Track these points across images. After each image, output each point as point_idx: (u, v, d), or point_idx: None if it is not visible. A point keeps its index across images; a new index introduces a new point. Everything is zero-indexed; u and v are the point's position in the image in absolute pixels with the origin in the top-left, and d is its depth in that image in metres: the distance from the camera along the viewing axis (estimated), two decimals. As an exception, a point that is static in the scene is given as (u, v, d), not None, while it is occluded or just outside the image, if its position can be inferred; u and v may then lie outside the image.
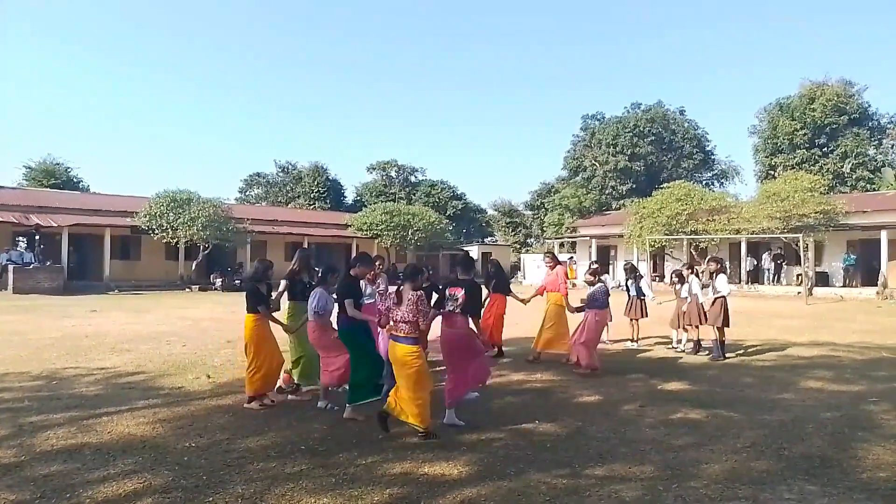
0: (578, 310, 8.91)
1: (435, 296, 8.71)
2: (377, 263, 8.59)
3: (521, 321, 12.25)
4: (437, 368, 7.25)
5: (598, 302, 8.67)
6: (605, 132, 50.26)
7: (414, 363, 5.35)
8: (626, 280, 11.82)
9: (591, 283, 8.97)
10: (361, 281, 7.09)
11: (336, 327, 6.51)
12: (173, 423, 5.92)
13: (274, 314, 6.80)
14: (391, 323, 5.47)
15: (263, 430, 5.70)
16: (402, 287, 5.54)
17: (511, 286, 10.37)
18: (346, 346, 6.23)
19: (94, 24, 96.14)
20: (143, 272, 30.95)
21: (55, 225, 27.40)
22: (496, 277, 10.09)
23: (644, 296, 11.47)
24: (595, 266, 9.33)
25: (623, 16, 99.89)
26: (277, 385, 6.96)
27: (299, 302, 7.08)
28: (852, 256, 28.89)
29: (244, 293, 6.86)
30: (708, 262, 11.69)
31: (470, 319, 6.19)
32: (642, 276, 12.33)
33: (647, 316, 11.56)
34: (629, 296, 11.59)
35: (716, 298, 10.01)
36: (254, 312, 6.60)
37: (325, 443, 5.31)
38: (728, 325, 10.01)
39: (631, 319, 11.43)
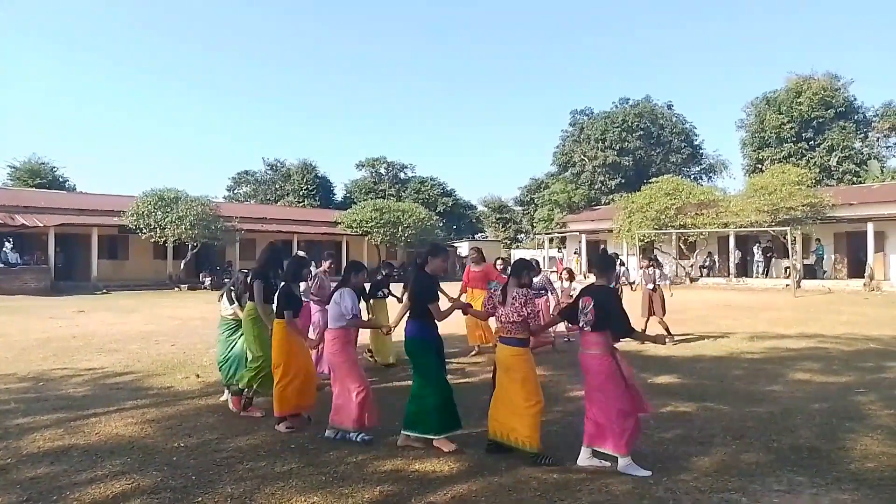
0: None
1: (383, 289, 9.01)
2: (329, 262, 8.40)
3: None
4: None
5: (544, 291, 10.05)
6: (594, 127, 50.37)
7: (521, 367, 4.75)
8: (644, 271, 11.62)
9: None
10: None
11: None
12: (162, 423, 5.88)
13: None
14: (500, 323, 4.93)
15: (253, 429, 5.67)
16: (507, 283, 5.05)
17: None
18: (415, 360, 5.20)
19: (79, 22, 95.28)
20: (131, 272, 30.72)
21: (41, 225, 27.12)
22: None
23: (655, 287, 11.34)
24: (568, 268, 9.90)
25: (610, 11, 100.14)
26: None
27: (268, 305, 6.13)
28: (822, 247, 29.23)
29: (276, 295, 5.98)
30: (641, 259, 12.40)
31: (606, 340, 4.67)
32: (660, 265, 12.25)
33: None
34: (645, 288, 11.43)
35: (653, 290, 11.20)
36: (282, 317, 5.85)
37: (314, 441, 5.29)
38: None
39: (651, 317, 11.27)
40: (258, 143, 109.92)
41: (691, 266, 32.43)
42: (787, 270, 26.94)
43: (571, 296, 11.13)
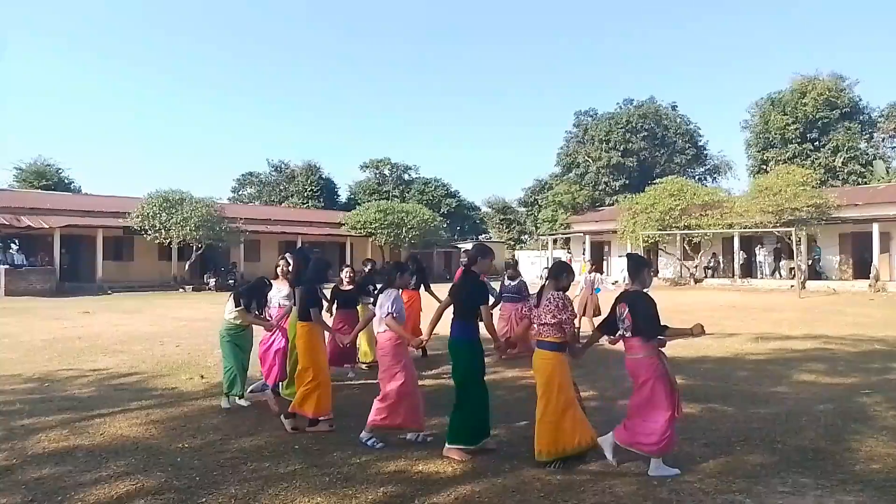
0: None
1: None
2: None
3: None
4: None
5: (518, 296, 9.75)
6: (598, 128, 50.32)
7: (546, 371, 4.69)
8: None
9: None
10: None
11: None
12: (166, 423, 5.89)
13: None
14: (536, 327, 4.81)
15: (257, 430, 5.68)
16: (544, 286, 4.91)
17: (430, 284, 9.94)
18: (459, 363, 5.04)
19: (85, 22, 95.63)
20: (136, 273, 30.82)
21: (46, 226, 27.23)
22: (419, 273, 9.48)
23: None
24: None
25: (615, 12, 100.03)
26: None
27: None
28: (819, 248, 29.18)
29: (300, 294, 5.91)
30: (585, 263, 13.09)
31: (648, 343, 4.58)
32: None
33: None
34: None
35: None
36: (307, 319, 5.75)
37: (318, 442, 5.30)
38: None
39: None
40: (263, 144, 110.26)
41: (696, 267, 32.36)
42: (792, 271, 26.85)
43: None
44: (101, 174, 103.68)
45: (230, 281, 30.24)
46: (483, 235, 61.10)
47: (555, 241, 42.43)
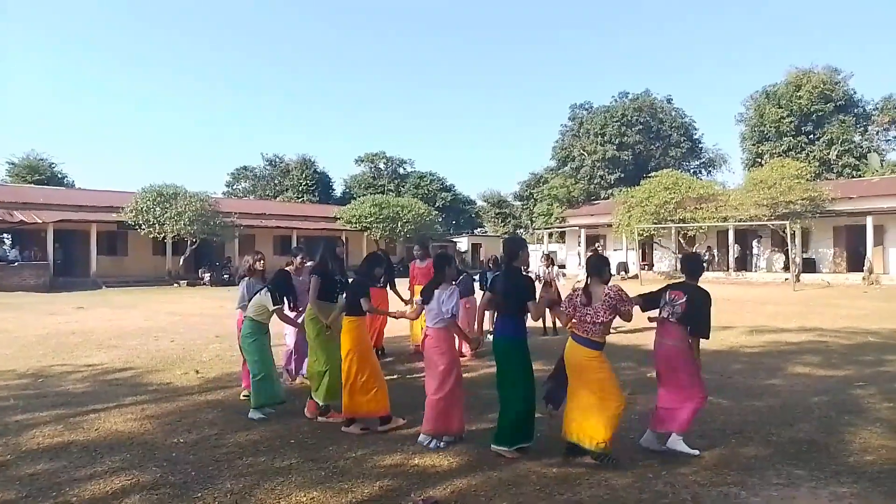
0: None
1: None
2: (300, 256, 7.66)
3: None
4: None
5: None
6: (593, 122, 50.34)
7: (596, 370, 4.61)
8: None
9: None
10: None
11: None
12: (161, 419, 5.88)
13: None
14: (576, 321, 4.68)
15: (252, 425, 5.67)
16: (588, 282, 4.78)
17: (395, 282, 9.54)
18: (507, 361, 4.90)
19: (78, 17, 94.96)
20: (131, 268, 30.73)
21: (40, 221, 27.11)
22: (388, 271, 9.10)
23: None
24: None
25: (610, 5, 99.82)
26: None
27: (324, 302, 5.98)
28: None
29: (349, 288, 5.73)
30: (541, 258, 12.57)
31: (687, 334, 4.87)
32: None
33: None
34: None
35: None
36: (358, 314, 5.59)
37: (314, 436, 5.29)
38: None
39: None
40: (257, 138, 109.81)
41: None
42: (786, 264, 26.96)
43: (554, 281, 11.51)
44: (95, 169, 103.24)
45: (224, 276, 30.21)
46: (478, 229, 61.12)
47: (550, 235, 42.51)
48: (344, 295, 5.83)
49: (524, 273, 5.14)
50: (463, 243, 49.37)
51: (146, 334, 11.78)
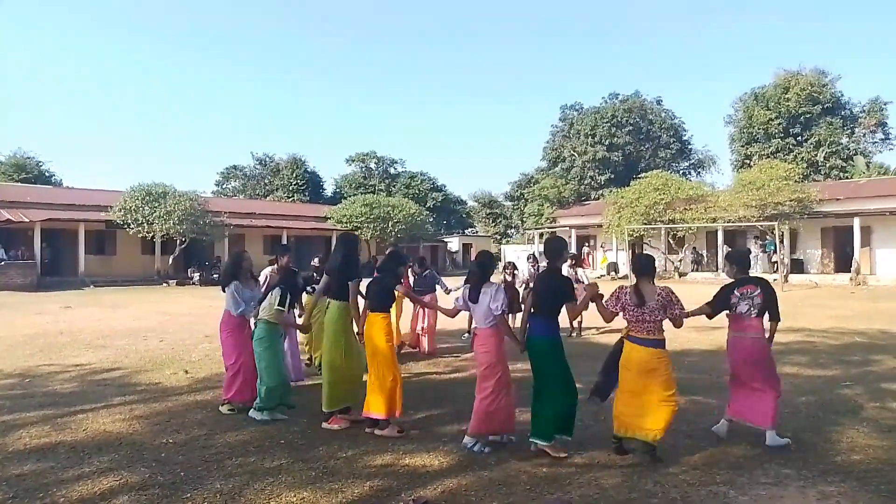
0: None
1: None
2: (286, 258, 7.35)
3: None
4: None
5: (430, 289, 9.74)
6: (584, 122, 50.51)
7: (665, 368, 4.70)
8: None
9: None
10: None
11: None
12: (150, 419, 5.84)
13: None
14: (633, 322, 4.73)
15: (242, 425, 5.64)
16: (638, 282, 4.81)
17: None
18: (545, 363, 4.86)
19: (66, 14, 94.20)
20: (119, 267, 30.49)
21: (27, 220, 26.86)
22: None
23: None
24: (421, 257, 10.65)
25: (600, 7, 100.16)
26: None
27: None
28: (773, 242, 29.44)
29: (378, 285, 5.59)
30: (528, 257, 12.82)
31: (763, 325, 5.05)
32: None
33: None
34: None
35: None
36: (384, 311, 5.48)
37: (304, 437, 5.28)
38: None
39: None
40: (247, 137, 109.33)
41: (680, 261, 32.60)
42: (775, 265, 27.15)
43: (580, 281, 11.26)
44: (83, 168, 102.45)
45: (214, 276, 30.04)
46: (469, 230, 61.15)
47: (541, 235, 42.55)
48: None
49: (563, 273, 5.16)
50: (454, 243, 49.40)
51: (135, 334, 11.70)
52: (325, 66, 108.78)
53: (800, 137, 44.29)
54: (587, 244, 38.43)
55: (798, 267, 29.48)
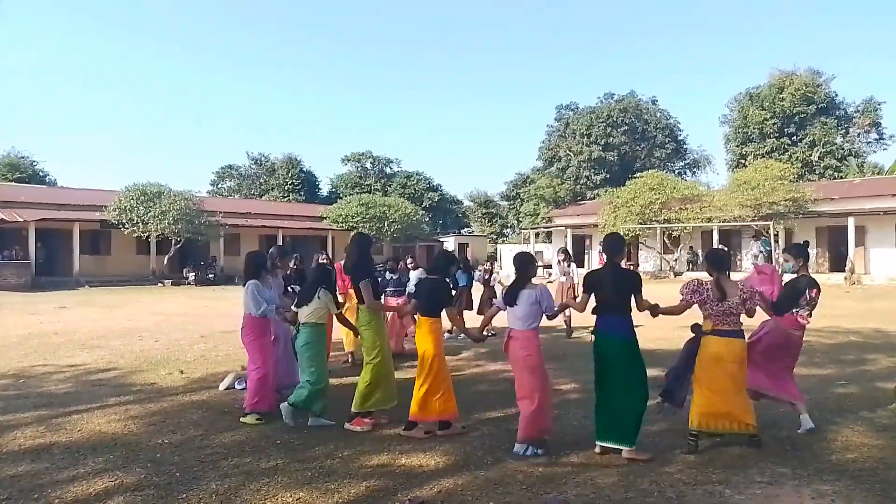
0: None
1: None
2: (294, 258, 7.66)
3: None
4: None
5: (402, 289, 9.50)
6: (579, 122, 50.55)
7: (746, 356, 4.94)
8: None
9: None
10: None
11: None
12: (145, 419, 5.82)
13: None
14: (718, 316, 4.81)
15: (238, 425, 5.63)
16: (718, 277, 4.93)
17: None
18: (624, 363, 4.78)
19: (59, 13, 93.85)
20: (114, 267, 30.40)
21: (21, 220, 26.74)
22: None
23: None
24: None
25: (596, 7, 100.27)
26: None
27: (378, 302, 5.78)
28: (767, 241, 29.58)
29: (428, 288, 5.43)
30: (558, 253, 12.54)
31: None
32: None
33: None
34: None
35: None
36: (435, 315, 5.30)
37: (300, 437, 5.27)
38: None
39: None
40: (242, 137, 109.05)
41: (675, 260, 32.69)
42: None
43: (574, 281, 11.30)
44: (77, 167, 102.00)
45: (209, 275, 29.99)
46: (465, 229, 61.17)
47: (537, 235, 42.65)
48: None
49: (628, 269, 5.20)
50: (450, 243, 49.43)
51: (130, 334, 11.67)
52: (322, 65, 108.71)
53: (794, 137, 44.45)
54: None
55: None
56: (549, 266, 12.24)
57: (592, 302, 5.03)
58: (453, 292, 9.35)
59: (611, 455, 4.69)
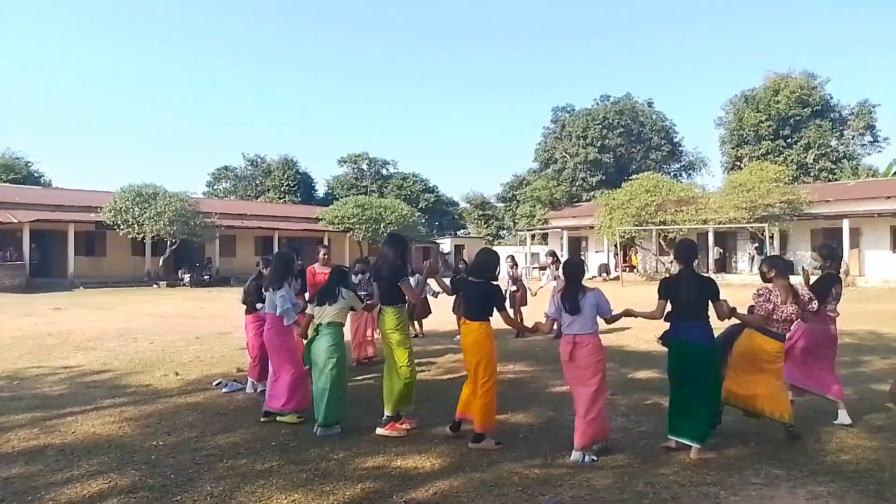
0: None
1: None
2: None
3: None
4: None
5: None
6: (576, 124, 50.67)
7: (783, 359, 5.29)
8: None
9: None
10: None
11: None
12: (140, 421, 5.80)
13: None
14: (777, 322, 5.06)
15: (233, 427, 5.61)
16: (787, 281, 5.18)
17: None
18: (704, 369, 4.80)
19: (54, 13, 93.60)
20: (109, 268, 30.29)
21: (15, 221, 26.64)
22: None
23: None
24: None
25: (591, 9, 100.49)
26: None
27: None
28: (765, 244, 29.66)
29: (476, 291, 5.23)
30: (547, 255, 12.42)
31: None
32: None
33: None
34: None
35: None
36: (485, 319, 5.13)
37: (296, 438, 5.26)
38: None
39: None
40: (238, 138, 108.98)
41: (671, 262, 32.73)
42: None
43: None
44: (73, 168, 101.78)
45: (205, 276, 29.91)
46: (461, 231, 61.17)
47: (533, 237, 42.65)
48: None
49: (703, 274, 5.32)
50: (446, 244, 49.40)
51: (125, 336, 11.63)
52: (318, 66, 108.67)
53: (789, 140, 44.64)
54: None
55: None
56: (544, 268, 12.10)
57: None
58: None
59: (606, 456, 4.70)
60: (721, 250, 32.14)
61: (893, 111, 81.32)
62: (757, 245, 30.00)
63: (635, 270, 34.08)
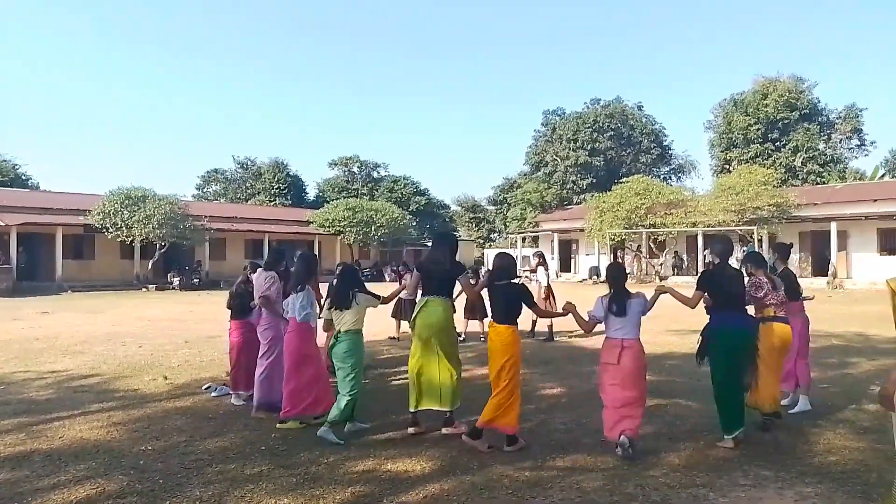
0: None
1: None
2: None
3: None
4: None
5: None
6: (566, 127, 50.80)
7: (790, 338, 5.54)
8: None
9: None
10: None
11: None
12: (128, 426, 5.76)
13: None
14: (776, 305, 5.51)
15: (222, 431, 5.58)
16: (763, 271, 5.65)
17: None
18: (740, 355, 5.01)
19: (45, 16, 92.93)
20: (98, 272, 30.10)
21: (3, 224, 26.41)
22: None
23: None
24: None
25: (582, 13, 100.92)
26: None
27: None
28: (752, 246, 29.86)
29: (501, 294, 5.18)
30: (533, 255, 12.52)
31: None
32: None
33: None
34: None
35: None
36: (512, 323, 5.11)
37: (285, 442, 5.23)
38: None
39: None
40: (228, 140, 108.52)
41: (661, 265, 32.90)
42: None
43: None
44: (61, 170, 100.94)
45: (195, 280, 29.76)
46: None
47: (524, 240, 42.76)
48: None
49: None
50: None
51: (113, 340, 11.55)
52: (309, 69, 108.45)
53: (778, 143, 44.99)
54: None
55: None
56: (534, 270, 12.09)
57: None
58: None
59: (596, 459, 4.71)
60: (710, 253, 32.28)
61: (880, 115, 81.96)
62: (745, 248, 30.18)
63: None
